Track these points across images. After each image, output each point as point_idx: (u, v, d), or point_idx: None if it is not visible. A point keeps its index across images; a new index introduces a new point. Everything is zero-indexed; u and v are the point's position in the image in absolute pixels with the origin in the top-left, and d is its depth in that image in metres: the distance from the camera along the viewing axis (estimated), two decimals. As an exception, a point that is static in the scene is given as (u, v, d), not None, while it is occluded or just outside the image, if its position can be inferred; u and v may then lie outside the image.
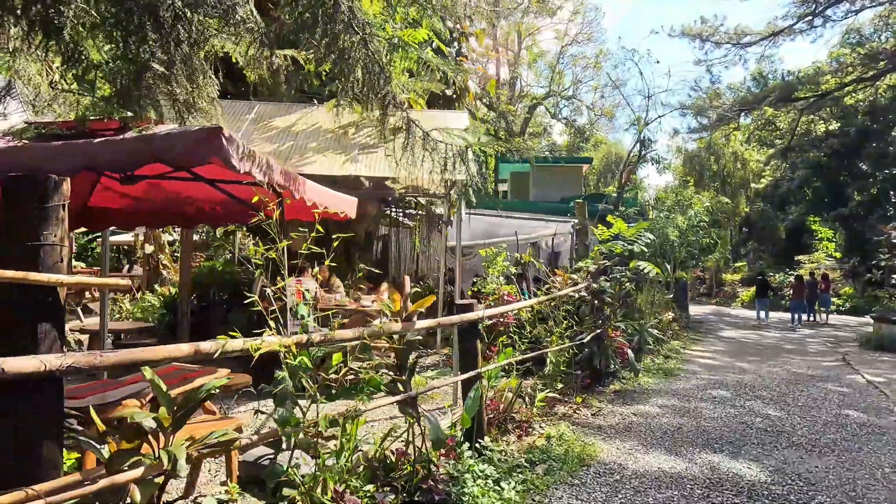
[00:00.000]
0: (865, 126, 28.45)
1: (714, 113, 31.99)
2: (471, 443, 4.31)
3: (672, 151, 41.52)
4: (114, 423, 2.91)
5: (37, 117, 5.45)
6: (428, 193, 7.88)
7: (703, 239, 17.99)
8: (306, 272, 7.05)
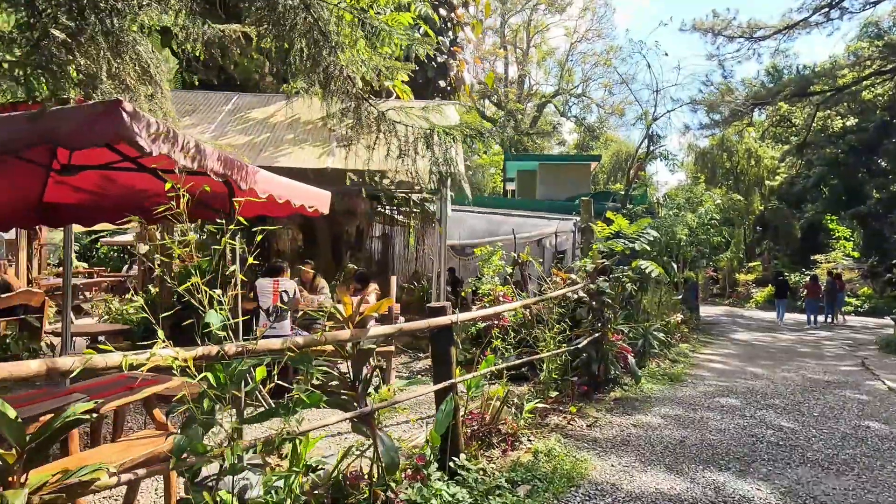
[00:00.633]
0: (884, 121, 27.49)
1: (726, 108, 31.09)
2: (443, 462, 3.88)
3: (683, 149, 40.73)
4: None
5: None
6: (417, 189, 7.43)
7: (714, 237, 17.36)
8: (284, 272, 6.68)
